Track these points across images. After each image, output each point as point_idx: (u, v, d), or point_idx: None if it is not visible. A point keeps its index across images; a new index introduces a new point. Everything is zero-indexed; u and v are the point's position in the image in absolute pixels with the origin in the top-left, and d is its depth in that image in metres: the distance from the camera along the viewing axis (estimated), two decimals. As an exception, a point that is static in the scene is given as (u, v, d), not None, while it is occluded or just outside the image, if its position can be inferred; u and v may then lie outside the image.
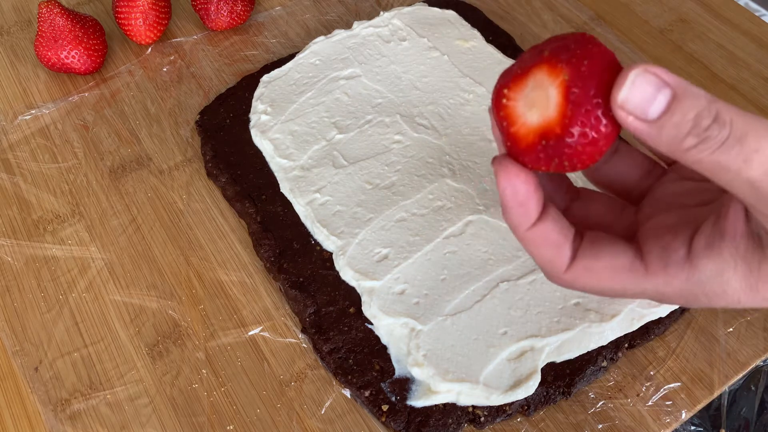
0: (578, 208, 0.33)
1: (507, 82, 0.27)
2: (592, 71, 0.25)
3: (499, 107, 0.27)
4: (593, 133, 0.25)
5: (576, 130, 0.25)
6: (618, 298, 0.45)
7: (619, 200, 0.34)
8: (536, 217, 0.28)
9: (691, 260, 0.27)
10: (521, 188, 0.28)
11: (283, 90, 0.58)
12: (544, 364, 0.44)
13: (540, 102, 0.26)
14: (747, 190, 0.25)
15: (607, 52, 0.26)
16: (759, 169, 0.24)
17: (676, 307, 0.46)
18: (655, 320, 0.46)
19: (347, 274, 0.48)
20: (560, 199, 0.32)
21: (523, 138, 0.26)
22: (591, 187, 0.35)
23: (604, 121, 0.25)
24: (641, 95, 0.24)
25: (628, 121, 0.25)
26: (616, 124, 0.26)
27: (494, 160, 0.28)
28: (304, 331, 0.47)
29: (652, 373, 0.46)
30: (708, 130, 0.24)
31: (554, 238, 0.28)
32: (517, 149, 0.27)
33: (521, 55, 0.28)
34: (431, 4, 0.64)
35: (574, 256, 0.29)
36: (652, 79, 0.24)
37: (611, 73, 0.25)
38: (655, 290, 0.28)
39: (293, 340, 0.47)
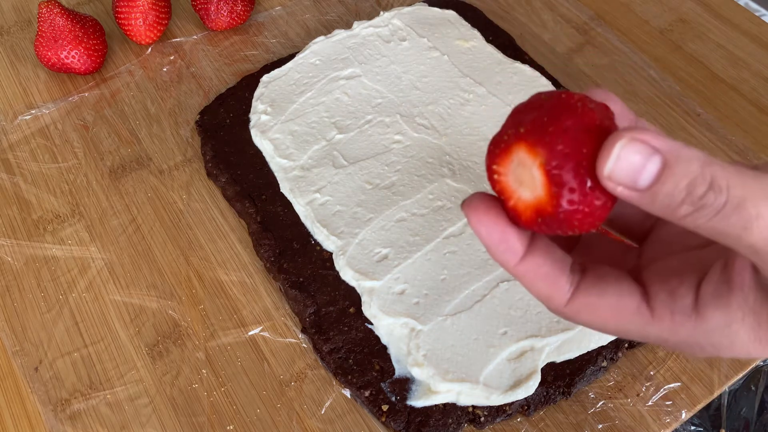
0: (578, 254, 0.31)
1: (494, 157, 0.26)
2: (570, 148, 0.24)
3: (492, 181, 0.26)
4: (585, 208, 0.24)
5: (565, 208, 0.24)
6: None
7: (620, 243, 0.32)
8: (523, 251, 0.27)
9: (698, 309, 0.26)
10: (494, 227, 0.26)
11: (283, 90, 0.58)
12: (544, 364, 0.44)
13: (527, 181, 0.25)
14: (749, 254, 0.24)
15: (587, 116, 0.24)
16: (759, 235, 0.23)
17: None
18: (655, 320, 0.46)
19: (347, 274, 0.48)
20: (558, 245, 0.30)
21: (522, 213, 0.26)
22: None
23: (594, 194, 0.24)
24: (629, 166, 0.23)
25: (618, 191, 0.23)
26: (608, 194, 0.24)
27: (463, 204, 0.27)
28: (304, 331, 0.47)
29: (652, 373, 0.46)
30: (703, 198, 0.22)
31: (547, 270, 0.27)
32: (518, 221, 0.26)
33: (513, 112, 0.26)
34: (431, 4, 0.64)
35: (576, 289, 0.27)
36: (640, 148, 0.23)
37: (593, 142, 0.24)
38: (658, 336, 0.27)
39: (293, 340, 0.47)
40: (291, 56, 0.61)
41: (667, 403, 0.45)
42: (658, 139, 0.23)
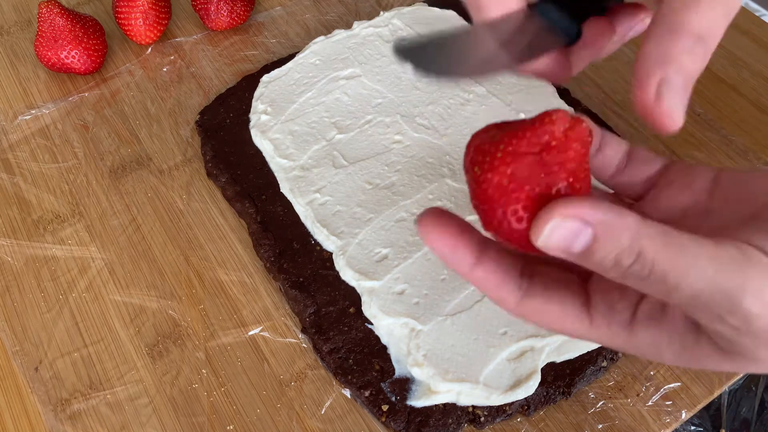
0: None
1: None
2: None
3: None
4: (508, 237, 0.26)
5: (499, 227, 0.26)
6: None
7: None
8: (473, 260, 0.28)
9: (632, 326, 0.28)
10: (445, 239, 0.28)
11: (283, 90, 0.58)
12: (544, 364, 0.44)
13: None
14: (678, 305, 0.25)
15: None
16: (680, 301, 0.24)
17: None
18: (655, 320, 0.46)
19: (347, 274, 0.48)
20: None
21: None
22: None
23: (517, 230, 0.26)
24: (561, 239, 0.24)
25: (552, 253, 0.25)
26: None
27: (416, 221, 0.29)
28: (304, 331, 0.47)
29: (652, 373, 0.46)
30: (629, 269, 0.24)
31: (497, 277, 0.29)
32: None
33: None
34: (431, 4, 0.64)
35: (524, 295, 0.29)
36: (571, 224, 0.24)
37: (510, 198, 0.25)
38: (599, 340, 0.29)
39: (293, 340, 0.47)
40: (291, 56, 0.61)
41: (667, 403, 0.45)
42: (593, 210, 0.24)
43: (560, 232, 0.24)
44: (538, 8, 0.29)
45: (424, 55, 0.26)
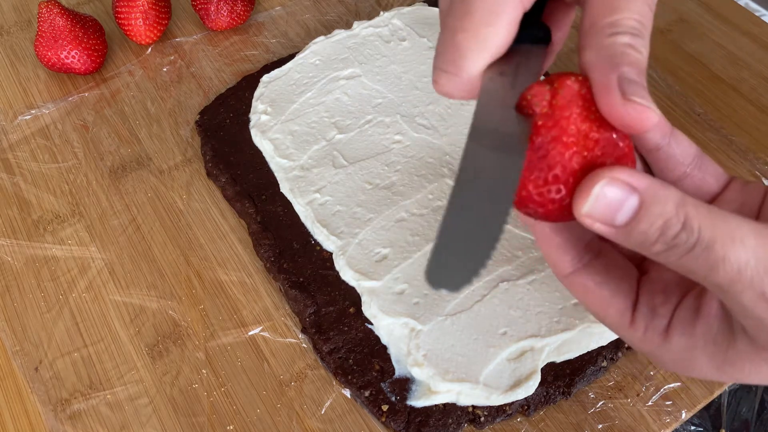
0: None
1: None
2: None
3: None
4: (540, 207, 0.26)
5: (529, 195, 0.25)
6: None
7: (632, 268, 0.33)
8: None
9: (667, 333, 0.27)
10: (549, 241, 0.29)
11: (283, 90, 0.58)
12: (544, 364, 0.44)
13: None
14: (716, 291, 0.25)
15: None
16: (725, 277, 0.24)
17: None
18: (655, 320, 0.46)
19: (347, 274, 0.48)
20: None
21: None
22: None
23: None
24: (607, 205, 0.24)
25: (595, 227, 0.24)
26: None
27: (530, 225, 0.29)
28: (304, 331, 0.47)
29: (652, 373, 0.46)
30: (675, 238, 0.23)
31: (560, 239, 0.28)
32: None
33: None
34: (431, 4, 0.64)
35: (581, 268, 0.29)
36: (618, 189, 0.24)
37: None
38: (630, 340, 0.29)
39: (293, 340, 0.47)
40: (291, 56, 0.61)
41: (667, 403, 0.45)
42: (637, 178, 0.24)
43: (606, 198, 0.24)
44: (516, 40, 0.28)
45: (456, 264, 0.23)
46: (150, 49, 0.65)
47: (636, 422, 0.44)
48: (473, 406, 0.43)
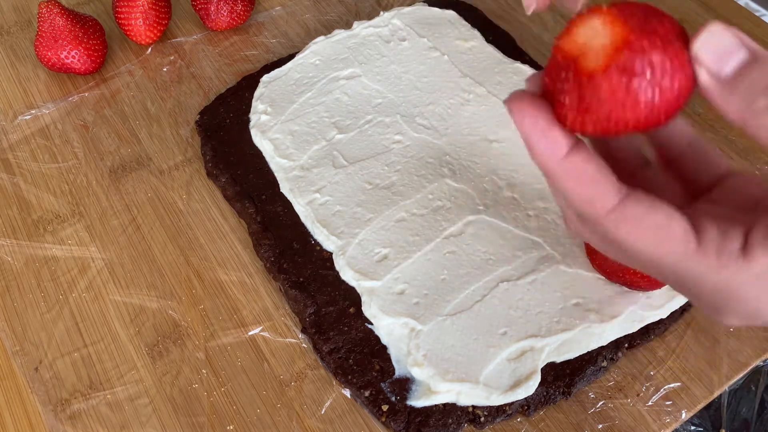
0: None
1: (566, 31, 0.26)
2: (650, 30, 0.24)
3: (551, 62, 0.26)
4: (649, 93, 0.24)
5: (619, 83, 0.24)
6: (622, 293, 0.45)
7: (672, 184, 0.31)
8: (567, 149, 0.25)
9: (746, 251, 0.25)
10: (538, 120, 0.25)
11: (283, 90, 0.58)
12: (544, 364, 0.44)
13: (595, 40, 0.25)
14: None
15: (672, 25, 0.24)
16: None
17: (677, 307, 0.46)
18: (655, 320, 0.46)
19: (347, 274, 0.48)
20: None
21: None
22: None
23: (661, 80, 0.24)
24: (719, 47, 0.24)
25: (701, 77, 0.24)
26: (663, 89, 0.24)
27: (506, 99, 0.26)
28: (304, 331, 0.47)
29: (652, 373, 0.46)
30: None
31: (592, 171, 0.26)
32: (566, 116, 0.25)
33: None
34: (431, 4, 0.64)
35: (625, 197, 0.26)
36: (731, 37, 0.24)
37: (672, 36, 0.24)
38: (697, 272, 0.26)
39: (293, 340, 0.47)
40: (291, 56, 0.61)
41: (667, 403, 0.45)
42: (749, 39, 0.24)
43: (721, 40, 0.24)
44: None
45: None
46: (150, 49, 0.65)
47: (636, 422, 0.44)
48: (473, 406, 0.43)
